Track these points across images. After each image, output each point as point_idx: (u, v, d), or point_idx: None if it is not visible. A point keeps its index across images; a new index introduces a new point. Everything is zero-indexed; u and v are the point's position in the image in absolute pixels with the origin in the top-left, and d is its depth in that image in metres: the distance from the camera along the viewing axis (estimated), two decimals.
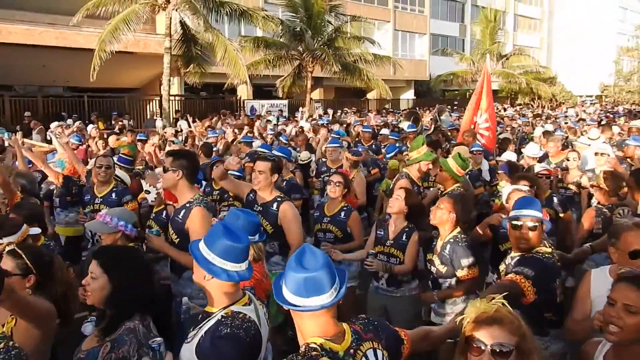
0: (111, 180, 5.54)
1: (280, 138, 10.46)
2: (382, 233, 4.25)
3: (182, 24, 17.34)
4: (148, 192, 5.07)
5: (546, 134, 9.42)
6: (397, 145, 8.96)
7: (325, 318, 1.95)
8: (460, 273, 3.70)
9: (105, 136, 13.17)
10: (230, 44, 16.69)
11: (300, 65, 22.18)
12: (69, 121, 14.93)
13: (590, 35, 50.91)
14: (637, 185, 4.51)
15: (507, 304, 1.82)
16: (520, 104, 37.83)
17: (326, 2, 21.02)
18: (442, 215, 3.84)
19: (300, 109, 21.46)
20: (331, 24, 22.19)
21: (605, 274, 2.88)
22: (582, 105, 34.06)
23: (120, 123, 15.81)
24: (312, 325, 1.95)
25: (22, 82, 21.68)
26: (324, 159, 7.90)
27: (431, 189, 5.86)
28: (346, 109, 24.37)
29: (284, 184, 6.08)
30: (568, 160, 6.55)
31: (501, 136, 10.64)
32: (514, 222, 3.16)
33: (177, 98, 21.19)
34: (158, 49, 18.27)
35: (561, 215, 5.11)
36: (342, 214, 4.69)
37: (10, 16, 18.27)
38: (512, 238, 3.22)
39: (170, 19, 16.18)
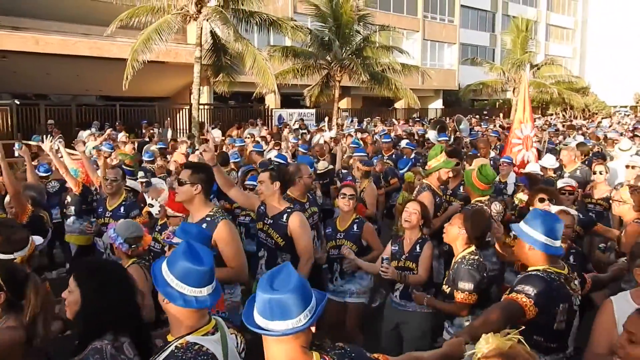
0: (122, 192, 5.46)
1: (299, 148, 10.36)
2: (397, 248, 4.18)
3: (213, 34, 17.53)
4: (151, 205, 4.97)
5: (580, 145, 9.18)
6: (413, 157, 8.84)
7: (291, 345, 1.77)
8: (456, 295, 3.47)
9: (135, 145, 13.48)
10: (259, 53, 16.79)
11: (328, 75, 22.19)
12: (93, 129, 15.21)
13: (624, 44, 49.83)
14: None
15: (523, 341, 1.69)
16: (551, 114, 37.16)
17: (355, 12, 21.02)
18: (452, 232, 3.68)
19: (326, 119, 21.41)
20: (360, 33, 22.17)
21: (628, 301, 2.63)
22: (616, 116, 33.18)
23: (150, 131, 16.07)
24: (277, 351, 1.79)
25: (57, 91, 22.29)
26: (344, 170, 7.81)
27: (453, 203, 5.65)
28: (377, 117, 24.26)
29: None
30: (595, 173, 6.28)
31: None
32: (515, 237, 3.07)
33: (206, 107, 21.42)
34: (188, 59, 18.51)
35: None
36: (355, 227, 4.55)
37: (47, 27, 18.81)
38: (515, 253, 3.14)
39: (202, 29, 16.38)
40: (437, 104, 35.85)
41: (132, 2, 15.81)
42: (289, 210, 4.18)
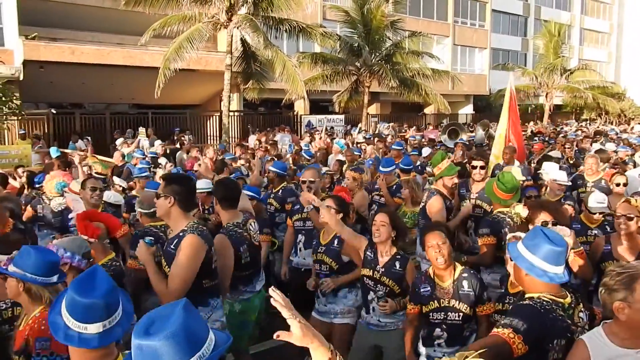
0: (99, 205, 5.16)
1: (302, 153, 10.23)
2: (372, 256, 3.92)
3: (243, 41, 17.70)
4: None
5: (599, 152, 8.73)
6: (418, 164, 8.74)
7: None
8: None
9: (167, 151, 13.65)
10: (288, 60, 16.87)
11: (357, 81, 22.14)
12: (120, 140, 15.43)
13: None
14: None
15: None
16: (585, 119, 36.29)
17: (386, 17, 20.96)
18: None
19: (354, 127, 21.35)
20: (390, 39, 22.09)
21: (601, 337, 2.30)
22: None
23: (182, 138, 16.25)
24: None
25: (91, 99, 22.81)
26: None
27: (464, 203, 5.40)
28: (405, 124, 24.10)
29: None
30: (618, 185, 6.01)
31: (552, 153, 9.94)
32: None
33: (236, 114, 21.60)
34: (219, 66, 18.71)
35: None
36: (336, 242, 4.28)
37: (82, 37, 19.33)
38: (512, 275, 2.90)
39: (232, 36, 16.55)
40: (468, 109, 35.38)
41: (164, 11, 16.08)
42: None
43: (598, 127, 26.09)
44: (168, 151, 13.84)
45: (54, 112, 18.22)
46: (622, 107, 37.96)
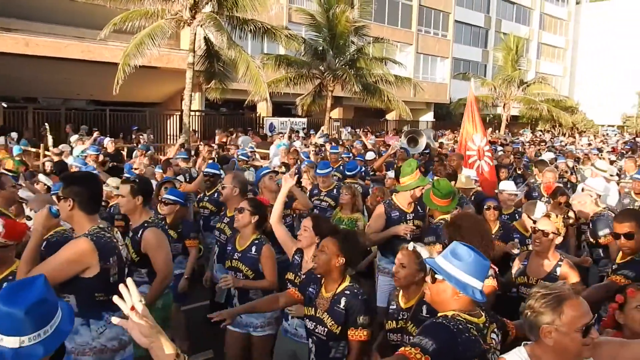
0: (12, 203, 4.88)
1: (239, 153, 10.10)
2: (298, 261, 3.77)
3: (206, 40, 17.45)
4: (29, 218, 4.45)
5: (539, 163, 8.60)
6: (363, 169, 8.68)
7: None
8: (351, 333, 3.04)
9: (124, 150, 13.32)
10: (252, 60, 16.71)
11: (321, 84, 22.19)
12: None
13: (614, 66, 50.68)
14: None
15: None
16: (540, 131, 37.48)
17: (351, 23, 21.09)
18: (325, 259, 3.13)
19: (311, 130, 21.40)
20: (354, 44, 22.24)
21: (522, 357, 2.16)
22: (605, 136, 33.51)
23: (141, 137, 15.90)
24: None
25: (47, 94, 22.02)
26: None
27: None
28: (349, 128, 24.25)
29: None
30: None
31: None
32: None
33: (197, 113, 21.29)
34: (181, 64, 18.40)
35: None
36: (253, 249, 3.98)
37: (37, 29, 18.60)
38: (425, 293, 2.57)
39: (195, 34, 16.29)
40: (429, 117, 35.99)
41: (125, 5, 15.69)
42: (147, 224, 3.85)
43: (551, 138, 26.99)
44: (125, 150, 13.51)
45: (5, 105, 17.50)
46: (575, 120, 39.49)
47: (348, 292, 3.07)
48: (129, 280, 1.63)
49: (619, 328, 2.74)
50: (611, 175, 7.79)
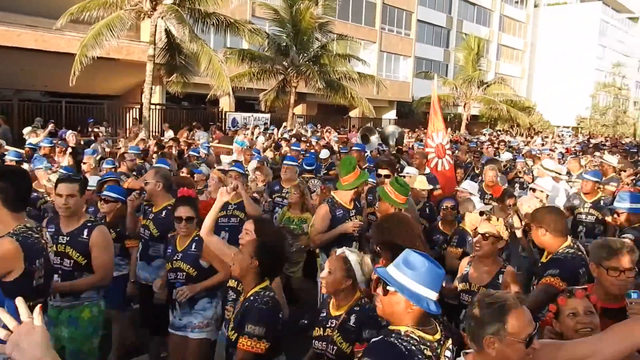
0: None
1: (191, 152, 9.97)
2: None
3: (167, 33, 17.14)
4: None
5: (491, 162, 8.51)
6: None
7: None
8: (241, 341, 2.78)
9: (82, 143, 12.92)
10: (215, 55, 16.52)
11: (285, 80, 22.13)
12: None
13: (569, 69, 52.45)
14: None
15: None
16: (499, 131, 38.39)
17: (315, 19, 21.07)
18: (240, 260, 2.99)
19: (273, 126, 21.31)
20: (318, 40, 22.24)
21: None
22: (560, 137, 34.53)
23: (97, 130, 15.48)
24: None
25: None
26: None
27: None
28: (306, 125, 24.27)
29: None
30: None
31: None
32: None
33: (158, 107, 20.90)
34: (141, 57, 18.01)
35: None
36: (194, 246, 3.89)
37: None
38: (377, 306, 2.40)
39: (156, 26, 15.97)
40: (391, 115, 36.35)
41: None
42: (90, 224, 3.68)
43: (513, 137, 27.63)
44: (82, 142, 13.12)
45: None
46: (532, 120, 40.61)
47: (252, 298, 2.89)
48: (18, 300, 1.46)
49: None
50: (560, 174, 7.90)
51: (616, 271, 2.66)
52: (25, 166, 7.20)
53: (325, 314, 3.00)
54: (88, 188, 5.26)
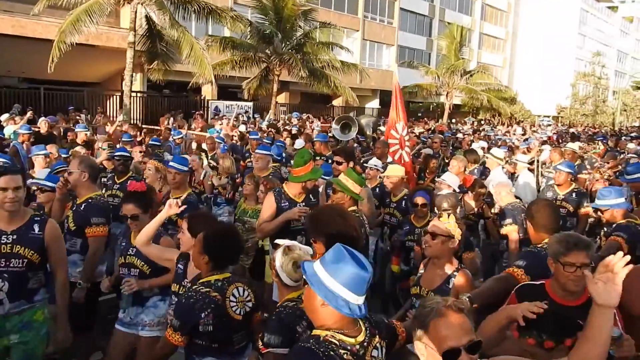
0: None
1: (151, 141, 9.70)
2: (182, 269, 3.42)
3: (148, 19, 16.89)
4: None
5: (468, 153, 8.39)
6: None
7: None
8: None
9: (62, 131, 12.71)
10: (196, 42, 16.35)
11: (268, 68, 22.01)
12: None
13: (550, 58, 52.90)
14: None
15: None
16: (481, 120, 38.67)
17: (298, 6, 20.94)
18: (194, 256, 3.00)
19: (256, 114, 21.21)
20: (301, 28, 22.12)
21: None
22: (540, 127, 34.84)
23: (78, 117, 15.27)
24: None
25: None
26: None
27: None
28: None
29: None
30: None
31: (425, 150, 9.59)
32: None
33: (139, 95, 20.65)
34: (121, 44, 17.76)
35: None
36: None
37: None
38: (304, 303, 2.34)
39: (136, 12, 15.71)
40: (374, 104, 36.41)
41: None
42: (39, 218, 3.46)
43: (492, 128, 27.85)
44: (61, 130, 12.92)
45: None
46: (513, 110, 40.92)
47: (187, 290, 3.02)
48: None
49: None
50: (530, 165, 8.00)
51: (572, 267, 2.58)
52: None
53: None
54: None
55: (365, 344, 2.07)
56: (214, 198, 6.82)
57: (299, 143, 10.10)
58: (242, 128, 13.89)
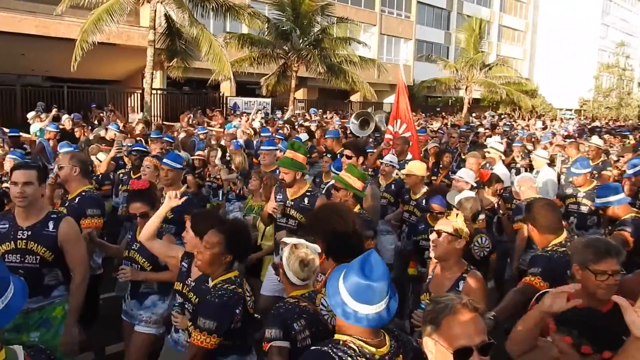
0: None
1: (165, 137, 9.64)
2: (186, 268, 3.35)
3: (167, 17, 17.10)
4: None
5: (478, 147, 8.21)
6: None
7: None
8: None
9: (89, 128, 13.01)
10: (215, 39, 16.52)
11: (285, 65, 22.11)
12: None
13: (572, 49, 51.89)
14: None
15: None
16: (501, 114, 38.24)
17: (315, 2, 20.99)
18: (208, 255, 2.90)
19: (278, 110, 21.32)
20: (318, 24, 22.17)
21: None
22: (562, 120, 34.29)
23: (101, 114, 15.59)
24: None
25: (0, 69, 21.23)
26: None
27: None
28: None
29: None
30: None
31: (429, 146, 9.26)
32: None
33: (159, 92, 20.94)
34: (141, 42, 18.03)
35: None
36: None
37: None
38: None
39: (155, 11, 15.93)
40: (392, 99, 36.16)
41: None
42: (55, 215, 3.42)
43: (513, 121, 27.56)
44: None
45: None
46: (534, 103, 40.34)
47: (211, 289, 2.88)
48: None
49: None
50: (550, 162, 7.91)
51: (604, 275, 2.46)
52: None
53: None
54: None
55: (386, 358, 1.98)
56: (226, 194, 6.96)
57: (304, 137, 10.00)
58: (256, 124, 14.01)
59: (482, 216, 4.87)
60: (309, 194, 4.36)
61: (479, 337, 1.72)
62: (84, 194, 4.26)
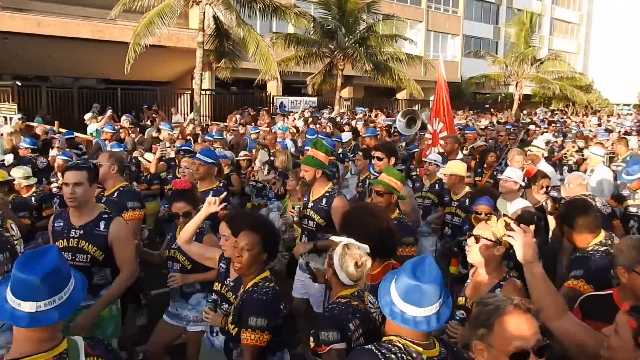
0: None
1: (206, 136, 9.77)
2: (224, 268, 3.37)
3: (215, 19, 17.45)
4: None
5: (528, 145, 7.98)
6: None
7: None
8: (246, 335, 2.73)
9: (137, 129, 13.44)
10: (262, 39, 16.75)
11: (331, 63, 22.15)
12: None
13: (630, 41, 49.62)
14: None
15: None
16: (553, 110, 37.03)
17: (361, 0, 20.95)
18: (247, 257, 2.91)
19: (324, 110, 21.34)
20: (364, 21, 22.10)
21: None
22: (619, 116, 32.83)
23: (152, 115, 16.04)
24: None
25: (58, 73, 22.19)
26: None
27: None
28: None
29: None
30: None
31: (477, 144, 9.08)
32: None
33: (207, 92, 21.38)
34: (191, 44, 18.45)
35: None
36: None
37: (48, 9, 18.71)
38: None
39: (204, 13, 16.30)
40: None
41: None
42: (106, 215, 3.49)
43: (565, 118, 26.65)
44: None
45: (19, 84, 17.68)
46: (589, 99, 38.80)
47: (251, 289, 2.88)
48: None
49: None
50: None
51: None
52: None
53: None
54: None
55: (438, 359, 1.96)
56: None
57: (346, 136, 9.94)
58: (299, 124, 14.06)
59: None
60: (327, 194, 4.30)
61: (534, 337, 1.68)
62: (122, 189, 4.44)
